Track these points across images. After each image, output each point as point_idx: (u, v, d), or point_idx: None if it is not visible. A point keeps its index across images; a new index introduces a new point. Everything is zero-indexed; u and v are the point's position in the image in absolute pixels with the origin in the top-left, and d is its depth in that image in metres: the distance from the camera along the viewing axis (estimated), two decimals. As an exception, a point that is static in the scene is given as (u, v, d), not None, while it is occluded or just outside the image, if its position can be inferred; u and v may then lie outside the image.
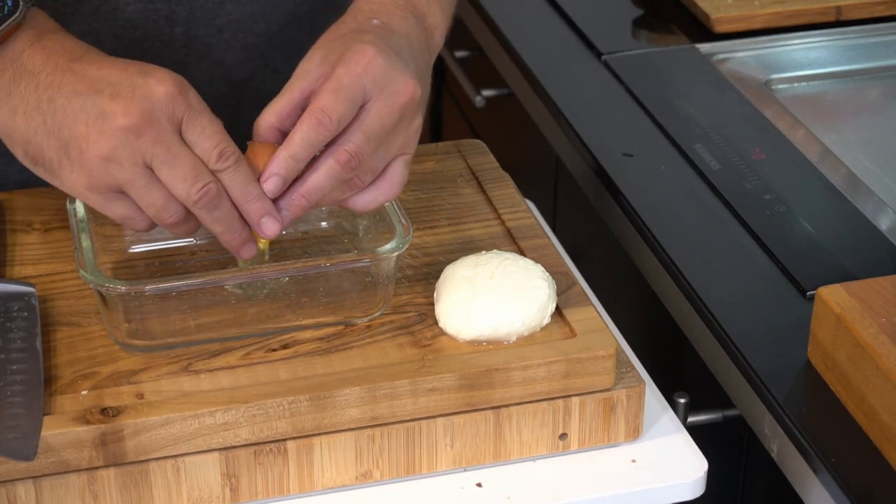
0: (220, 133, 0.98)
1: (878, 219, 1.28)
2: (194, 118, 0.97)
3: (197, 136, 0.97)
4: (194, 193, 0.97)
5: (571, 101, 1.49)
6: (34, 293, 1.06)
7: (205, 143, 0.97)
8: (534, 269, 1.07)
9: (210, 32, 1.24)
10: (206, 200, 0.98)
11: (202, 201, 0.98)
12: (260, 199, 1.00)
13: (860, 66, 1.59)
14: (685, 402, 1.15)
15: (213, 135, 0.98)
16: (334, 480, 1.01)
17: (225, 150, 0.98)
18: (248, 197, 0.99)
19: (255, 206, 1.00)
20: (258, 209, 1.00)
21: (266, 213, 1.00)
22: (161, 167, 0.97)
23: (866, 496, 0.99)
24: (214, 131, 0.98)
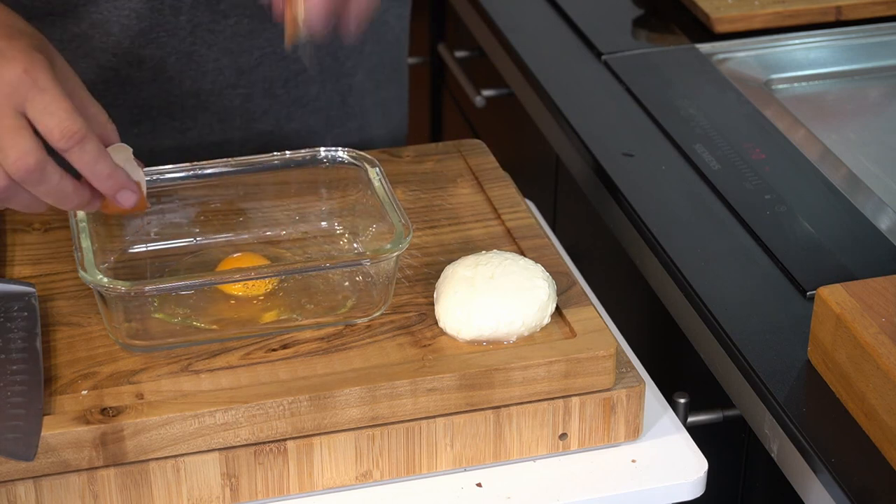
0: (66, 110, 0.97)
1: (878, 219, 1.28)
2: (36, 96, 0.97)
3: (38, 115, 0.97)
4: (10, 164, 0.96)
5: (571, 101, 1.48)
6: (34, 293, 1.06)
7: (46, 121, 0.97)
8: (534, 269, 1.07)
9: (215, 18, 1.24)
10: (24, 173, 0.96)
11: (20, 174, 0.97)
12: (111, 176, 1.00)
13: (860, 66, 1.59)
14: (685, 402, 1.15)
15: (55, 112, 0.97)
16: (334, 480, 1.01)
17: (66, 129, 0.97)
18: (99, 175, 0.99)
19: (108, 183, 1.00)
20: (112, 186, 1.00)
21: (121, 186, 1.01)
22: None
23: (866, 496, 0.99)
24: (58, 108, 0.97)
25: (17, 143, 0.97)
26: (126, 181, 1.01)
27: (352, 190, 1.15)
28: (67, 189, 0.99)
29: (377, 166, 1.13)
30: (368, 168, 1.13)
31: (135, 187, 1.02)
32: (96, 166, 0.99)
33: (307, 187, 1.16)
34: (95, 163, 0.99)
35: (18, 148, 0.97)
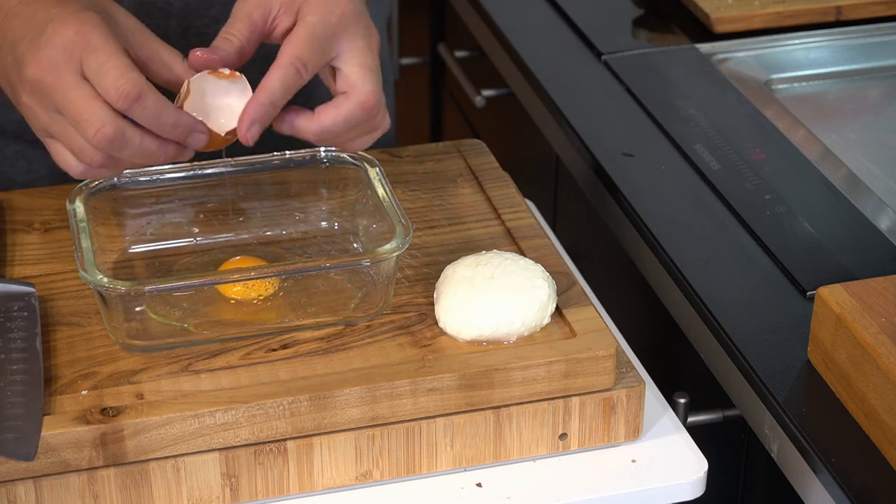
0: (118, 69, 0.96)
1: (878, 219, 1.28)
2: (88, 57, 0.96)
3: (94, 76, 0.97)
4: (90, 138, 0.97)
5: (571, 101, 1.48)
6: (34, 293, 1.06)
7: (102, 82, 0.96)
8: (534, 269, 1.07)
9: (206, 23, 1.24)
10: (105, 143, 0.97)
11: (101, 144, 0.97)
12: (177, 125, 0.99)
13: (860, 66, 1.59)
14: (685, 402, 1.15)
15: (108, 72, 0.96)
16: (334, 480, 1.01)
17: (122, 88, 0.96)
18: (165, 127, 0.99)
19: (176, 132, 1.00)
20: (180, 133, 1.00)
21: (189, 131, 1.00)
22: (64, 113, 0.97)
23: (866, 496, 0.99)
24: (111, 67, 0.96)
25: (93, 115, 0.96)
26: (193, 124, 1.00)
27: (352, 190, 1.15)
28: (152, 147, 0.99)
29: (377, 166, 1.13)
30: (368, 168, 1.13)
31: (203, 127, 1.01)
32: (159, 120, 0.98)
33: (307, 187, 1.16)
34: (158, 117, 0.98)
35: (94, 120, 0.96)
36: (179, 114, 1.00)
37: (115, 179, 1.12)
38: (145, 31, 1.02)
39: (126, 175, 1.12)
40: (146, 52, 1.02)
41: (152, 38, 1.02)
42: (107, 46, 0.97)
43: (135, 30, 1.02)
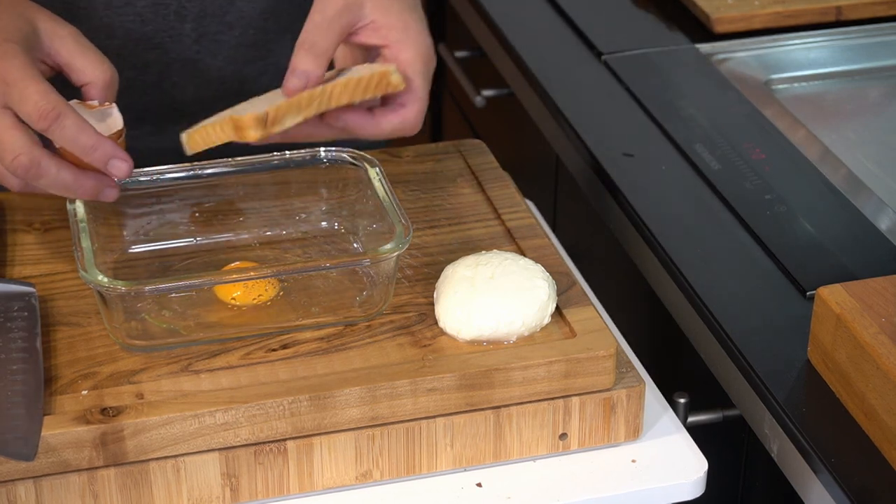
0: (38, 92, 0.99)
1: (878, 219, 1.28)
2: (10, 89, 0.99)
3: (16, 105, 0.99)
4: (7, 165, 1.00)
5: (571, 101, 1.48)
6: (34, 293, 1.06)
7: (23, 107, 0.99)
8: (534, 269, 1.07)
9: (221, 29, 1.24)
10: (20, 171, 1.00)
11: (17, 171, 1.00)
12: (96, 148, 1.01)
13: (860, 66, 1.59)
14: (685, 402, 1.15)
15: (28, 97, 0.99)
16: (334, 480, 1.01)
17: (42, 109, 0.99)
18: (84, 148, 1.01)
19: (95, 154, 1.01)
20: (99, 157, 1.01)
21: (110, 156, 1.01)
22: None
23: (866, 496, 0.99)
24: (31, 92, 0.99)
25: (9, 143, 0.99)
26: (114, 150, 1.02)
27: (352, 190, 1.15)
28: (68, 179, 1.01)
29: (377, 166, 1.13)
30: (368, 168, 1.13)
31: (125, 155, 1.02)
32: (78, 140, 1.00)
33: (307, 187, 1.16)
34: (76, 137, 1.00)
35: (11, 148, 0.99)
36: (99, 137, 1.01)
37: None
38: (66, 36, 1.04)
39: (126, 175, 1.12)
40: (60, 60, 1.04)
41: (70, 44, 1.04)
42: (26, 76, 0.99)
43: (53, 36, 1.04)
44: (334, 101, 1.04)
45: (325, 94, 1.03)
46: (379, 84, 1.04)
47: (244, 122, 1.01)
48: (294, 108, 1.02)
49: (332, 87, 1.03)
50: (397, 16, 1.08)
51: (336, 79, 1.05)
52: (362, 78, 1.04)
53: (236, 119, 1.02)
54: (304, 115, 1.03)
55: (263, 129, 1.02)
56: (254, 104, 1.07)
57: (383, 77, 1.04)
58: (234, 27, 1.25)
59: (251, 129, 1.01)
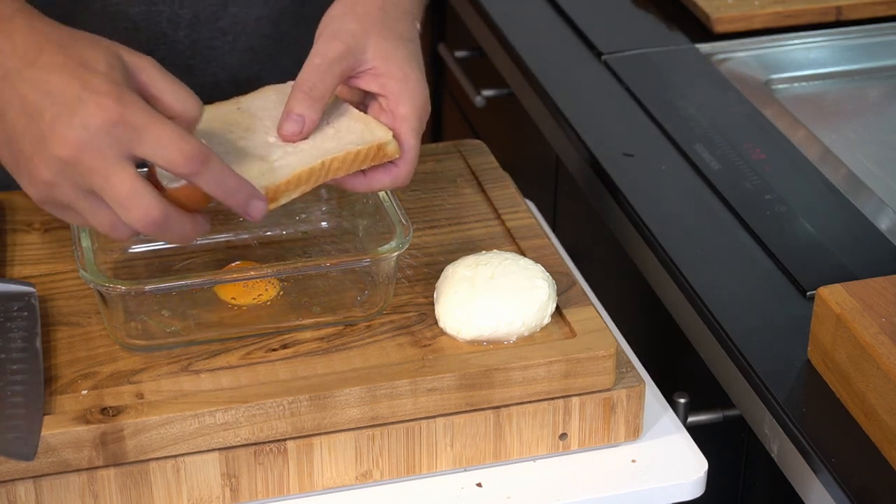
0: (178, 136, 0.92)
1: (878, 219, 1.28)
2: (143, 135, 0.92)
3: (152, 150, 0.93)
4: (135, 222, 0.93)
5: (571, 101, 1.48)
6: (34, 293, 1.06)
7: (163, 152, 0.92)
8: (534, 269, 1.07)
9: (214, 35, 1.24)
10: (150, 227, 0.94)
11: (146, 229, 0.94)
12: (241, 188, 0.96)
13: (860, 66, 1.59)
14: (685, 402, 1.15)
15: (169, 141, 0.92)
16: (334, 480, 1.01)
17: (188, 153, 0.92)
18: (229, 191, 0.95)
19: (239, 196, 0.96)
20: (242, 198, 0.96)
21: (250, 197, 0.97)
22: (102, 194, 0.93)
23: (866, 496, 0.99)
24: (171, 136, 0.92)
25: (139, 200, 0.92)
26: (253, 190, 0.97)
27: (352, 190, 1.15)
28: (187, 229, 0.96)
29: (377, 166, 1.13)
30: (368, 168, 1.13)
31: (261, 195, 0.98)
32: (225, 183, 0.95)
33: (307, 187, 1.16)
34: (223, 179, 0.95)
35: (141, 205, 0.92)
36: (240, 178, 0.96)
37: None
38: (150, 67, 0.97)
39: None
40: (149, 91, 0.97)
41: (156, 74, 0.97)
42: (156, 118, 0.93)
43: (140, 69, 0.97)
44: (332, 175, 1.03)
45: (323, 169, 1.02)
46: (376, 155, 1.04)
47: None
48: (293, 185, 1.00)
49: (329, 162, 1.02)
50: (398, 65, 1.06)
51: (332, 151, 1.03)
52: (360, 151, 1.03)
53: None
54: (301, 190, 1.01)
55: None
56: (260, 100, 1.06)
57: (380, 149, 1.03)
58: (227, 33, 1.24)
59: None
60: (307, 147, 1.03)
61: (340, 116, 1.06)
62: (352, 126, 1.05)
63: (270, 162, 1.01)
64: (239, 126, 1.04)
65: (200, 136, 1.00)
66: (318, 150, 1.02)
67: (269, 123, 1.04)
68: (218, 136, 1.03)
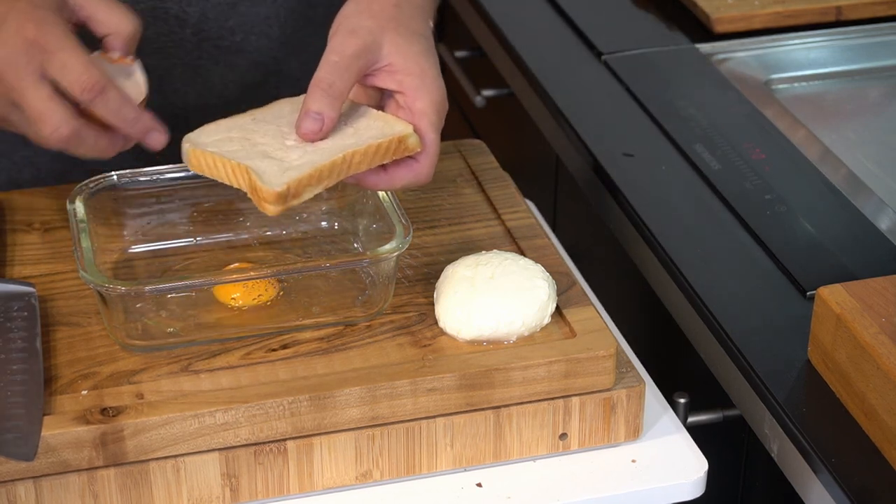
0: (81, 64, 0.99)
1: (878, 219, 1.28)
2: (51, 58, 0.99)
3: (58, 73, 0.99)
4: (46, 137, 1.00)
5: (571, 101, 1.48)
6: (34, 293, 1.06)
7: (66, 77, 0.99)
8: (534, 269, 1.07)
9: (222, 34, 1.24)
10: (61, 143, 1.00)
11: (58, 144, 1.00)
12: (138, 120, 1.02)
13: (860, 66, 1.59)
14: (685, 402, 1.15)
15: (73, 68, 0.99)
16: (334, 480, 1.01)
17: (86, 82, 0.99)
18: (126, 121, 1.02)
19: (136, 127, 1.02)
20: (139, 129, 1.02)
21: (149, 129, 1.03)
22: (22, 110, 1.00)
23: (866, 496, 0.99)
24: (75, 63, 0.99)
25: (50, 116, 0.99)
26: (153, 123, 1.03)
27: (352, 190, 1.15)
28: (103, 144, 1.02)
29: (377, 166, 1.13)
30: (368, 168, 1.13)
31: (162, 128, 1.03)
32: (121, 113, 1.01)
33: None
34: (119, 110, 1.01)
35: (52, 121, 0.99)
36: (140, 110, 1.02)
37: (116, 179, 1.12)
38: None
39: (126, 175, 1.12)
40: (83, 14, 1.04)
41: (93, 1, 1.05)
42: (67, 45, 1.00)
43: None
44: (353, 169, 1.03)
45: (344, 163, 1.01)
46: (397, 149, 1.03)
47: (265, 195, 0.99)
48: (315, 180, 1.00)
49: (351, 156, 1.01)
50: (414, 60, 1.06)
51: (352, 145, 1.03)
52: (381, 144, 1.02)
53: (258, 187, 0.99)
54: (323, 185, 1.01)
55: (283, 204, 0.99)
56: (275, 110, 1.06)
57: (401, 142, 1.03)
58: (235, 33, 1.24)
59: (271, 203, 0.99)
60: (327, 146, 1.02)
61: (359, 117, 1.05)
62: (371, 124, 1.05)
63: (290, 161, 1.01)
64: (256, 133, 1.04)
65: (216, 146, 1.02)
66: (338, 148, 1.02)
67: (287, 129, 1.04)
68: (237, 141, 1.03)
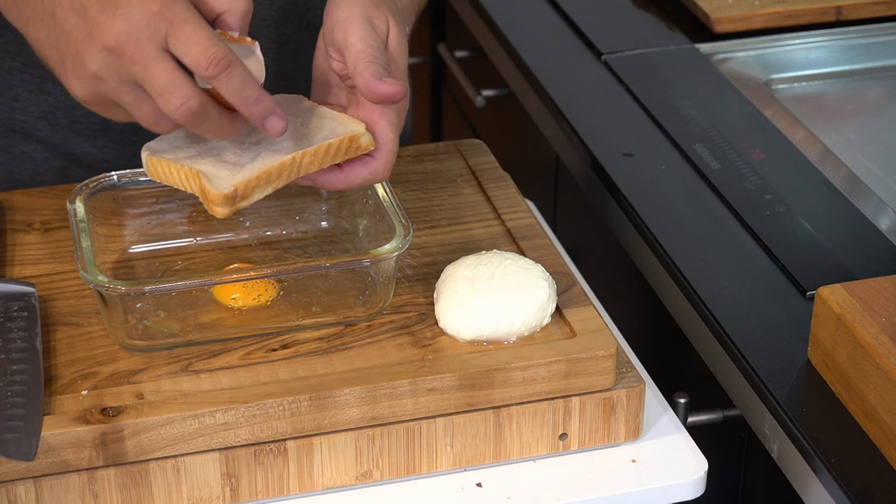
0: (208, 38, 0.96)
1: (878, 219, 1.28)
2: (177, 30, 0.96)
3: (182, 47, 0.96)
4: (174, 111, 0.97)
5: (571, 101, 1.48)
6: (34, 293, 1.06)
7: (191, 51, 0.96)
8: (534, 269, 1.07)
9: None
10: (187, 117, 0.97)
11: (184, 118, 0.97)
12: (260, 101, 0.98)
13: (860, 66, 1.59)
14: (685, 402, 1.15)
15: (198, 41, 0.96)
16: (334, 480, 1.01)
17: (213, 56, 0.96)
18: (248, 101, 0.98)
19: (257, 108, 0.98)
20: (260, 111, 0.99)
21: (269, 112, 0.99)
22: (144, 85, 0.97)
23: (866, 496, 0.99)
24: (200, 37, 0.96)
25: (178, 89, 0.96)
26: (274, 107, 0.99)
27: (352, 190, 1.15)
28: (225, 123, 0.99)
29: (377, 166, 1.13)
30: (368, 168, 1.13)
31: (283, 114, 0.99)
32: (244, 91, 0.98)
33: (307, 187, 1.16)
34: (243, 88, 0.97)
35: (180, 94, 0.96)
36: (263, 91, 0.99)
37: (116, 179, 1.12)
38: None
39: (126, 175, 1.12)
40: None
41: None
42: (192, 18, 0.97)
43: None
44: (304, 170, 1.02)
45: (294, 164, 1.01)
46: (349, 148, 1.02)
47: (212, 197, 0.98)
48: (263, 181, 1.00)
49: (301, 157, 1.01)
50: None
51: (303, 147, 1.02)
52: (331, 144, 1.02)
53: (206, 190, 0.99)
54: (273, 186, 1.01)
55: (231, 206, 0.99)
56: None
57: (353, 140, 1.02)
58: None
59: (218, 205, 0.99)
60: (282, 146, 1.02)
61: (311, 115, 1.05)
62: (323, 123, 1.04)
63: (243, 164, 1.01)
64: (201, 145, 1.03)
65: (173, 153, 1.02)
66: (291, 148, 1.02)
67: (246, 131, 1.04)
68: (195, 147, 1.03)
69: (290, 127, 1.02)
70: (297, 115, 1.05)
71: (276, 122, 0.99)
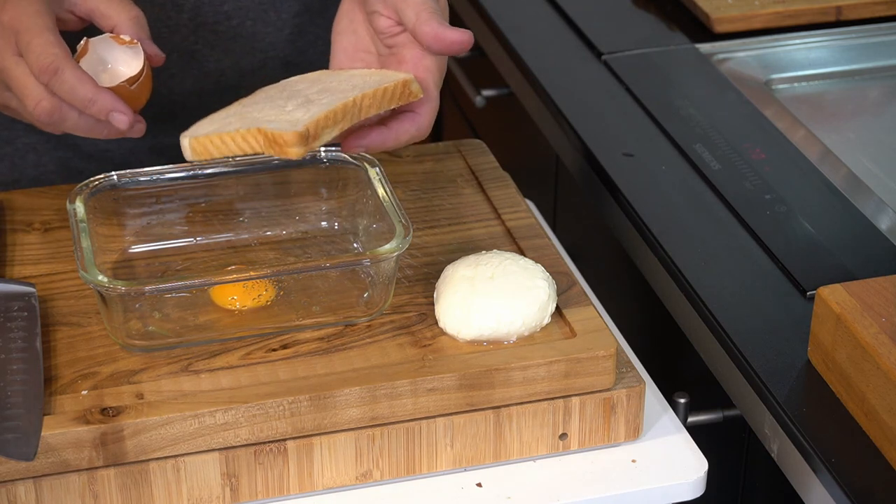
0: (40, 45, 1.01)
1: (878, 219, 1.28)
2: (20, 39, 1.01)
3: (24, 55, 1.01)
4: (31, 111, 1.02)
5: (571, 101, 1.48)
6: (34, 293, 1.06)
7: (27, 59, 1.01)
8: (534, 269, 1.07)
9: (218, 19, 1.24)
10: (45, 116, 1.02)
11: (42, 118, 1.02)
12: (94, 102, 1.02)
13: (860, 66, 1.59)
14: (685, 402, 1.15)
15: (31, 50, 1.01)
16: (334, 480, 1.01)
17: (42, 64, 1.00)
18: (83, 101, 1.02)
19: (94, 108, 1.02)
20: (98, 110, 1.02)
21: (109, 109, 1.02)
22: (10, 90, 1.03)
23: (866, 496, 0.99)
24: (35, 45, 1.00)
25: (31, 90, 1.01)
26: (113, 103, 1.02)
27: (352, 190, 1.15)
28: (90, 122, 1.03)
29: (377, 166, 1.13)
30: (368, 168, 1.13)
31: (125, 108, 1.03)
32: (76, 93, 1.01)
33: (307, 187, 1.16)
34: (74, 90, 1.01)
35: (32, 96, 1.01)
36: (97, 91, 1.02)
37: (116, 179, 1.12)
38: None
39: (126, 175, 1.12)
40: (85, 8, 1.06)
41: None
42: (34, 27, 1.01)
43: None
44: (363, 113, 1.03)
45: (355, 106, 1.02)
46: (402, 94, 1.05)
47: (285, 139, 0.97)
48: (331, 121, 1.01)
49: (361, 99, 1.02)
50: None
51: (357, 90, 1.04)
52: (387, 88, 1.03)
53: (275, 134, 0.98)
54: (339, 127, 1.02)
55: (305, 145, 0.98)
56: (261, 95, 1.06)
57: (406, 86, 1.05)
58: (231, 17, 1.25)
59: (294, 146, 0.98)
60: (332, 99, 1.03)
61: (355, 75, 1.07)
62: (370, 77, 1.06)
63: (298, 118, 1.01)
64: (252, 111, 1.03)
65: (217, 130, 1.02)
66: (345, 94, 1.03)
67: (283, 101, 1.04)
68: (235, 122, 1.02)
69: (340, 85, 1.05)
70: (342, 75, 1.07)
71: (118, 117, 1.03)
